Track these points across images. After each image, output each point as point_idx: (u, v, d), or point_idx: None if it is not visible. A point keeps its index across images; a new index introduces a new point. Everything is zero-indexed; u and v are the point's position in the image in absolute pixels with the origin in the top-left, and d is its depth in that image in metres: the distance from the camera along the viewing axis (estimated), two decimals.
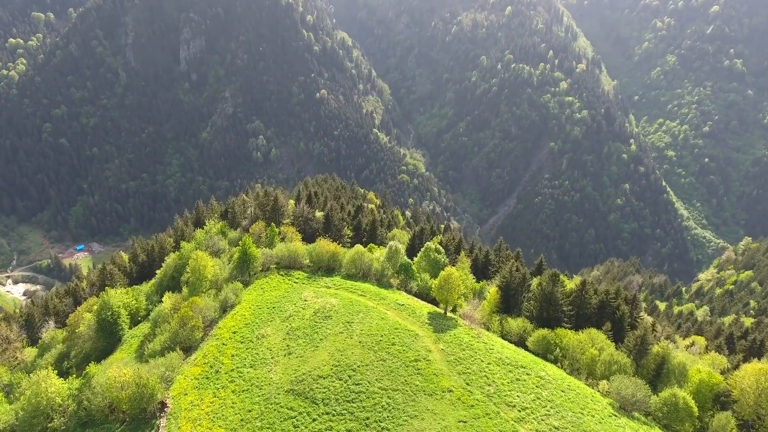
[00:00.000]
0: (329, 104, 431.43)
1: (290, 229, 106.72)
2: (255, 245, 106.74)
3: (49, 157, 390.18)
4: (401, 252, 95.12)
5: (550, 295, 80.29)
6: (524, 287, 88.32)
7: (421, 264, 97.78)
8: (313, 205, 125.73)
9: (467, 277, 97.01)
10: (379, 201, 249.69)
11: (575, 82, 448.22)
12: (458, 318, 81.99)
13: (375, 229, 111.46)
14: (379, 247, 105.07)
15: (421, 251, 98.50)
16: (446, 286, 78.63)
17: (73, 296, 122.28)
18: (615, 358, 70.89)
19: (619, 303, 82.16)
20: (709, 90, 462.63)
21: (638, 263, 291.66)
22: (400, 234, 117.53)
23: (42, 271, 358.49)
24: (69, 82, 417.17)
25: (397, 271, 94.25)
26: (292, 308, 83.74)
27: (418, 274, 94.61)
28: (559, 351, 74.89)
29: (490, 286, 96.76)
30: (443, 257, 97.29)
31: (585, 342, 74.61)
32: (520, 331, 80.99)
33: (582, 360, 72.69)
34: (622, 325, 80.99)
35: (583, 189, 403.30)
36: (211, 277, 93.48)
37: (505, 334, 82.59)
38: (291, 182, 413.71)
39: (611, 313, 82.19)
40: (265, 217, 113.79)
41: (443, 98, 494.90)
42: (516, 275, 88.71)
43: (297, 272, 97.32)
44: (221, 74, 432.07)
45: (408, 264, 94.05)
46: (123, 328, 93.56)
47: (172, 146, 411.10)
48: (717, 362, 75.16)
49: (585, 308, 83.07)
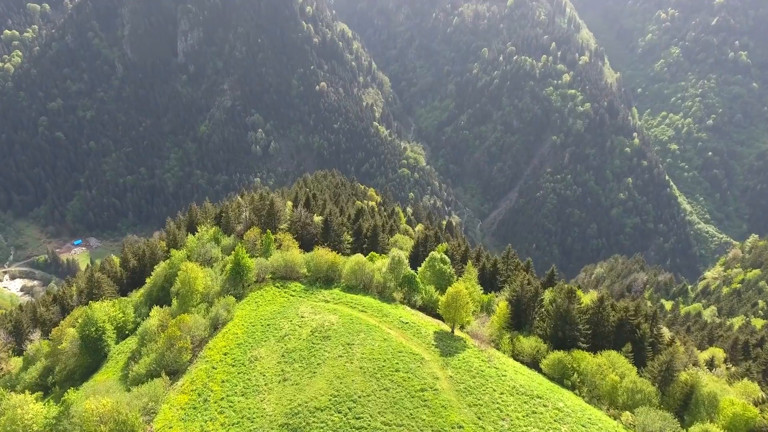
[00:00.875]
0: (329, 97, 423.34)
1: (287, 237, 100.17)
2: (249, 253, 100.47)
3: (45, 150, 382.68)
4: (404, 262, 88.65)
5: (566, 314, 73.94)
6: (536, 302, 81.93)
7: (425, 275, 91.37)
8: (312, 208, 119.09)
9: (474, 289, 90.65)
10: (380, 198, 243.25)
11: (578, 74, 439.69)
12: (466, 337, 75.70)
13: (376, 235, 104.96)
14: (380, 256, 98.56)
15: (425, 261, 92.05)
16: (454, 304, 72.24)
17: (61, 304, 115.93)
18: (638, 385, 64.65)
19: (639, 321, 75.83)
20: (713, 82, 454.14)
21: (642, 260, 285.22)
22: (403, 240, 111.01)
23: (39, 266, 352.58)
24: (65, 75, 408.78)
25: (400, 283, 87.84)
26: (288, 326, 77.40)
27: (422, 287, 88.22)
28: (576, 376, 68.61)
29: (499, 299, 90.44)
30: (449, 268, 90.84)
31: (605, 366, 68.36)
32: (533, 351, 74.70)
33: (602, 387, 66.47)
34: (643, 345, 74.69)
35: (586, 183, 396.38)
36: (203, 289, 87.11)
37: (516, 354, 76.32)
38: (290, 176, 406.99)
39: (631, 331, 75.91)
40: (261, 222, 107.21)
41: (444, 91, 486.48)
42: (527, 289, 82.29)
43: (294, 283, 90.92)
44: (219, 66, 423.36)
45: (412, 276, 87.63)
46: (108, 345, 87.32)
47: (170, 140, 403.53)
48: (749, 390, 69.03)
49: (603, 326, 76.78)
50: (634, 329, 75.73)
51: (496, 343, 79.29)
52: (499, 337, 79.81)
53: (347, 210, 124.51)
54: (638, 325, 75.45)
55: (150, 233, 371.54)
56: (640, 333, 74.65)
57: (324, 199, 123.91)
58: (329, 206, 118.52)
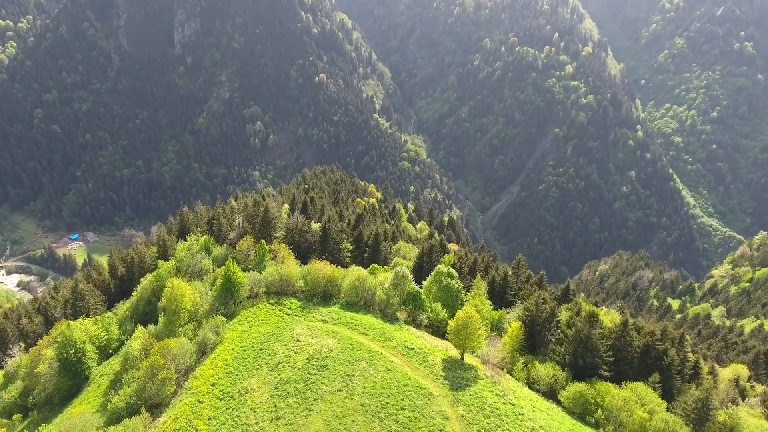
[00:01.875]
0: (328, 88, 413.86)
1: (282, 248, 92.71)
2: (243, 265, 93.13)
3: (41, 143, 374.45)
4: (408, 278, 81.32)
5: (586, 339, 66.77)
6: (552, 322, 74.76)
7: (431, 290, 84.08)
8: (309, 213, 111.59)
9: (484, 306, 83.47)
10: (380, 194, 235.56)
11: (581, 65, 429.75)
12: (477, 364, 68.57)
13: (378, 243, 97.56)
14: (382, 269, 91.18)
15: (431, 276, 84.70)
16: (465, 331, 64.97)
17: (44, 315, 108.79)
18: (670, 425, 57.60)
19: (667, 347, 68.70)
20: (717, 74, 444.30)
21: (647, 257, 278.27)
22: (406, 248, 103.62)
23: (36, 261, 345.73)
24: (60, 66, 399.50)
25: (404, 300, 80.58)
26: (283, 351, 70.18)
27: (428, 304, 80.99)
28: (600, 412, 61.59)
29: (510, 315, 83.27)
30: (456, 282, 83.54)
31: (631, 401, 61.30)
32: (551, 380, 67.62)
33: (629, 425, 59.47)
34: (671, 373, 67.59)
35: (588, 176, 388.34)
36: (191, 307, 79.81)
37: (532, 383, 69.27)
38: (289, 169, 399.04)
39: (657, 358, 68.81)
40: (255, 230, 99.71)
41: (445, 82, 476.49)
42: (543, 308, 75.07)
43: (289, 300, 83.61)
44: (217, 58, 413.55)
45: (417, 294, 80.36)
46: (89, 367, 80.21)
47: (168, 132, 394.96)
48: None
49: (626, 351, 69.67)
50: (660, 356, 68.57)
51: (508, 369, 72.36)
52: (512, 362, 72.85)
53: (347, 215, 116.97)
54: (665, 351, 68.29)
55: (148, 227, 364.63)
56: (668, 360, 67.48)
57: (322, 204, 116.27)
58: (328, 212, 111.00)
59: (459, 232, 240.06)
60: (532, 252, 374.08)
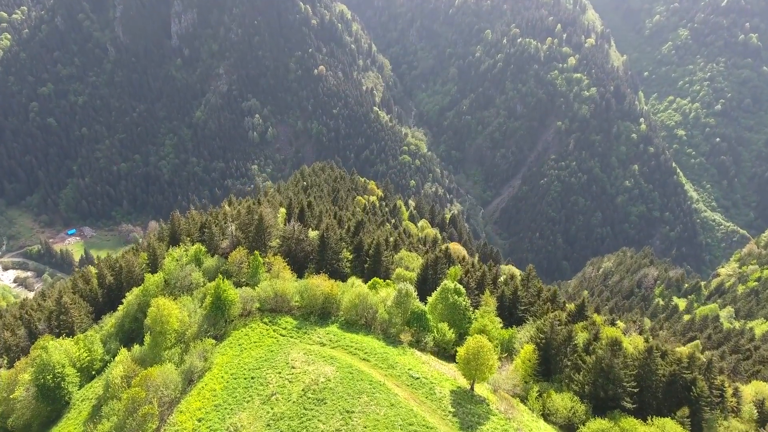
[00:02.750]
0: (328, 81, 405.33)
1: (277, 260, 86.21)
2: (236, 277, 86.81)
3: (36, 137, 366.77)
4: (412, 295, 74.96)
5: (608, 369, 60.56)
6: (569, 346, 68.51)
7: (436, 307, 77.75)
8: (307, 220, 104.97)
9: (494, 324, 77.22)
10: (381, 191, 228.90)
11: (584, 57, 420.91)
12: (488, 394, 62.41)
13: (379, 254, 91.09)
14: (384, 283, 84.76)
15: (436, 292, 78.33)
16: (475, 362, 58.67)
17: (28, 328, 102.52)
18: None
19: (695, 375, 62.54)
20: (722, 66, 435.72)
21: (651, 254, 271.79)
22: (409, 258, 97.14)
23: (32, 257, 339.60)
24: (56, 59, 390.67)
25: (408, 320, 74.29)
26: (276, 380, 63.94)
27: (433, 324, 74.68)
28: None
29: (522, 336, 76.96)
30: (464, 300, 77.18)
31: None
32: (569, 413, 61.48)
33: None
34: (700, 406, 61.45)
35: (591, 170, 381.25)
36: (178, 326, 73.51)
37: (547, 414, 63.16)
38: (289, 163, 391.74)
39: (685, 387, 62.67)
40: (248, 239, 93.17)
41: (446, 74, 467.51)
42: (558, 331, 68.77)
43: (284, 318, 77.27)
44: (215, 50, 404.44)
45: (421, 313, 74.02)
46: (70, 392, 74.06)
47: (165, 126, 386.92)
48: None
49: (650, 380, 63.50)
50: (689, 386, 62.37)
51: (521, 397, 66.26)
52: (525, 390, 66.72)
53: (346, 220, 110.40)
54: (694, 381, 62.07)
55: (145, 222, 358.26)
56: (697, 391, 61.28)
57: (320, 210, 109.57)
58: (326, 219, 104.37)
59: (461, 229, 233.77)
60: (534, 247, 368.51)
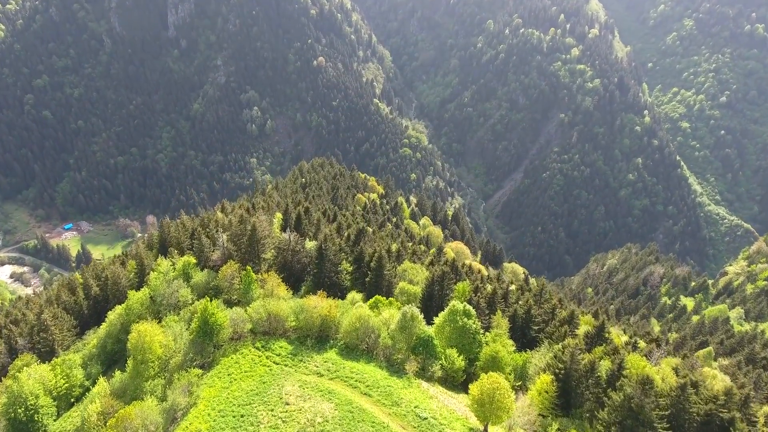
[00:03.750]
0: (327, 72, 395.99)
1: (272, 277, 79.13)
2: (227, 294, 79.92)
3: (32, 130, 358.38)
4: (418, 319, 68.00)
5: (639, 410, 53.78)
6: (591, 377, 61.69)
7: (443, 330, 70.88)
8: (304, 229, 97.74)
9: (506, 348, 70.41)
10: (382, 188, 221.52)
11: (587, 48, 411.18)
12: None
13: (382, 267, 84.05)
14: (387, 302, 77.76)
15: (444, 314, 71.36)
16: (490, 404, 51.85)
17: (8, 344, 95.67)
18: None
19: (734, 415, 55.81)
20: (727, 57, 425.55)
21: (657, 250, 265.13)
22: (413, 270, 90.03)
23: (29, 252, 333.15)
24: (50, 50, 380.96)
25: (413, 346, 67.41)
26: (268, 419, 57.17)
27: (441, 350, 67.85)
28: None
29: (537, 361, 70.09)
30: (474, 323, 70.31)
31: None
32: None
33: None
34: None
35: (594, 163, 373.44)
36: (162, 353, 66.74)
37: None
38: (288, 156, 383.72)
39: (722, 429, 55.93)
40: (240, 252, 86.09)
41: (447, 65, 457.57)
42: (579, 360, 61.87)
43: (278, 343, 70.36)
44: (212, 41, 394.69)
45: (428, 339, 67.12)
46: (45, 425, 67.36)
47: (162, 118, 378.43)
48: None
49: (682, 419, 56.77)
50: (726, 426, 55.62)
51: None
52: (542, 426, 60.00)
53: (345, 228, 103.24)
54: (732, 421, 55.30)
55: (143, 216, 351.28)
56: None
57: (318, 217, 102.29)
58: (324, 228, 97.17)
59: (463, 226, 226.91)
60: (536, 241, 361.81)
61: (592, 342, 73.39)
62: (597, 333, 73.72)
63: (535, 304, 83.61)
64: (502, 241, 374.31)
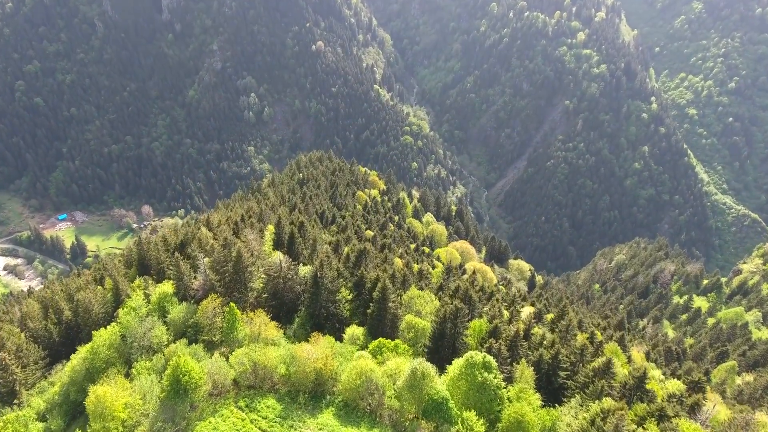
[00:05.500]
0: (326, 57, 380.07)
1: (259, 316, 67.59)
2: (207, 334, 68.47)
3: (23, 118, 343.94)
4: (430, 376, 56.66)
5: None
6: None
7: (458, 385, 59.62)
8: (297, 249, 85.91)
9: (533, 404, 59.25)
10: (383, 183, 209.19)
11: (593, 32, 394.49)
12: None
13: (386, 300, 72.53)
14: (392, 346, 66.26)
15: (460, 367, 59.94)
16: None
17: None
18: None
19: None
20: (737, 41, 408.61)
21: (666, 245, 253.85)
22: (421, 300, 78.47)
23: (23, 243, 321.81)
24: (41, 34, 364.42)
25: (424, 409, 56.21)
26: None
27: (456, 413, 56.63)
28: None
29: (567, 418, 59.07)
30: (495, 376, 58.98)
31: None
32: None
33: None
34: None
35: (599, 152, 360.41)
36: (126, 415, 55.54)
37: None
38: (286, 144, 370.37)
39: None
40: (224, 281, 74.44)
41: (449, 50, 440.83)
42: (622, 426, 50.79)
43: (265, 401, 59.08)
44: (208, 24, 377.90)
45: (442, 401, 55.84)
46: None
47: (157, 105, 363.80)
48: None
49: None
50: None
51: None
52: None
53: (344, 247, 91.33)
54: None
55: (138, 206, 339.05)
56: None
57: (314, 238, 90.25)
58: (321, 248, 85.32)
59: (467, 223, 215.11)
60: (539, 231, 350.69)
61: (631, 394, 62.33)
62: (637, 384, 62.50)
63: (561, 341, 72.30)
64: (504, 231, 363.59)
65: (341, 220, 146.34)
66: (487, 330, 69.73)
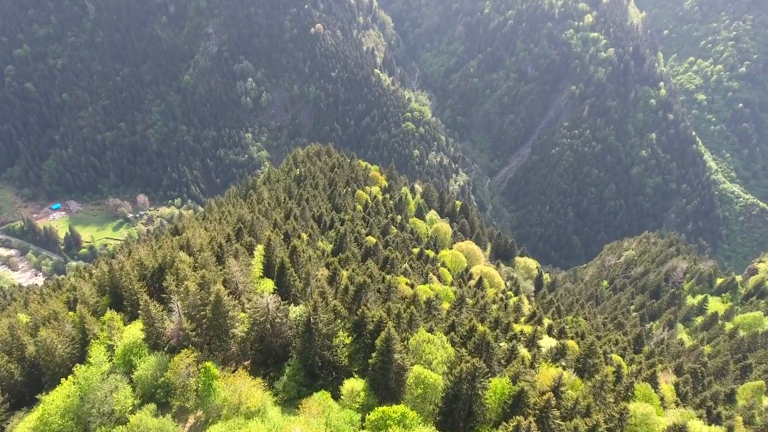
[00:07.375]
0: (325, 40, 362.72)
1: (240, 377, 55.85)
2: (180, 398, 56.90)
3: (14, 104, 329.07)
4: None
5: None
6: None
7: None
8: (288, 281, 73.84)
9: None
10: (384, 178, 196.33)
11: (601, 15, 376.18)
12: None
13: (391, 350, 60.79)
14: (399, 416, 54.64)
15: None
16: None
17: None
18: None
19: None
20: (749, 24, 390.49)
21: (677, 240, 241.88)
22: (430, 347, 66.86)
23: (16, 233, 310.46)
24: (30, 17, 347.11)
25: None
26: None
27: None
28: None
29: None
30: None
31: None
32: None
33: None
34: None
35: (606, 139, 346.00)
36: None
37: None
38: (284, 131, 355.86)
39: None
40: (201, 330, 62.53)
41: (452, 33, 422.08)
42: None
43: None
44: (203, 6, 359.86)
45: None
46: None
47: (152, 91, 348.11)
48: None
49: None
50: None
51: None
52: None
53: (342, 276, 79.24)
54: None
55: (133, 195, 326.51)
56: None
57: (307, 272, 78.07)
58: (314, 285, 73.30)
59: (472, 219, 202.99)
60: (543, 220, 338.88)
61: None
62: None
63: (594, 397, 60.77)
64: (507, 220, 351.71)
65: (340, 225, 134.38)
66: (510, 393, 58.09)
